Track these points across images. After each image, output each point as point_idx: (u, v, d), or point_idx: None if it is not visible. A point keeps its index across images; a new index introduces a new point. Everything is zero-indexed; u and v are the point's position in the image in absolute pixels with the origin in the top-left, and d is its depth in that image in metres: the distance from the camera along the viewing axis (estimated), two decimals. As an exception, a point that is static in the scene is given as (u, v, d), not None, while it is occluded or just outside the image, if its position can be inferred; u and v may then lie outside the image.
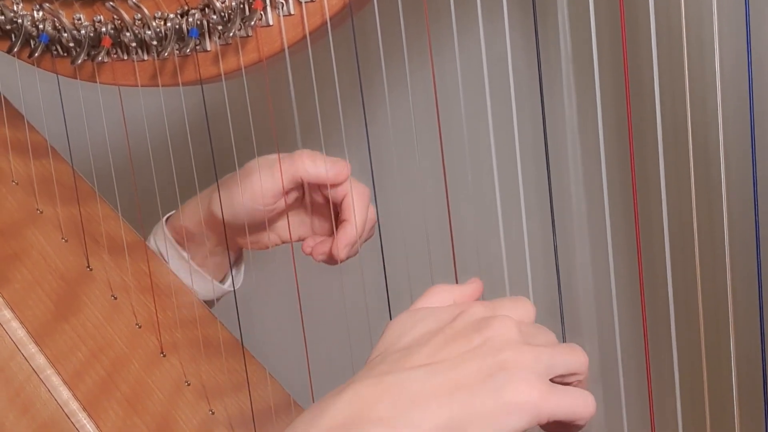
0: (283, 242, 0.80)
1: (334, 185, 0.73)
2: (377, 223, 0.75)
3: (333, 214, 0.75)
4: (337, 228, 0.75)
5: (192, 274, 0.79)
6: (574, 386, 0.49)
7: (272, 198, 0.74)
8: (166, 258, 0.80)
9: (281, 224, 0.79)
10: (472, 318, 0.49)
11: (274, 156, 0.73)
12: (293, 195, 0.76)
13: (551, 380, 0.47)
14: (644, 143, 0.79)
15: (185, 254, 0.79)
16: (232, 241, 0.79)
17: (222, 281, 0.82)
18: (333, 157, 0.73)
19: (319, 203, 0.77)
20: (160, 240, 0.80)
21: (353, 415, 0.45)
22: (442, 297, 0.54)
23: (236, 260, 0.83)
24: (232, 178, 0.75)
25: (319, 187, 0.75)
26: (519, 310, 0.51)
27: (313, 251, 0.76)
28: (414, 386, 0.45)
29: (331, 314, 0.78)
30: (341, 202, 0.74)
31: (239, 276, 0.84)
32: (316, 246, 0.76)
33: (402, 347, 0.49)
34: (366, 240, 0.77)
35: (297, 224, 0.79)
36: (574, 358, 0.49)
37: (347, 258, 0.76)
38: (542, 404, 0.45)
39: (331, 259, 0.75)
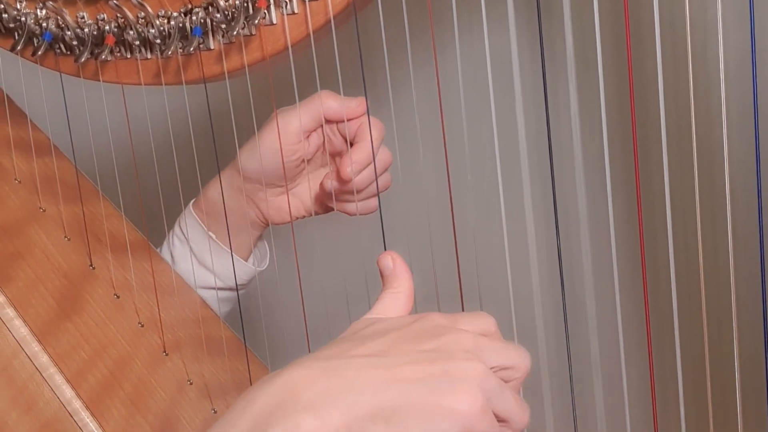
0: (306, 213, 0.79)
1: (353, 118, 0.73)
2: (381, 225, 0.75)
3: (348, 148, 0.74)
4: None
5: (221, 256, 0.78)
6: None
7: (297, 136, 0.73)
8: (192, 243, 0.79)
9: (302, 189, 0.78)
10: (431, 324, 0.49)
11: (294, 105, 0.73)
12: (315, 140, 0.75)
13: None
14: (648, 141, 0.79)
15: (213, 234, 0.79)
16: (254, 210, 0.78)
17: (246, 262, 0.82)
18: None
19: (337, 152, 0.76)
20: (190, 223, 0.80)
21: (284, 398, 0.44)
22: (396, 305, 0.54)
23: (257, 240, 0.82)
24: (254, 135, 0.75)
25: (338, 127, 0.74)
26: (478, 325, 0.51)
27: (323, 180, 0.75)
28: (350, 373, 0.45)
29: (334, 314, 0.78)
30: (355, 136, 0.73)
31: (265, 257, 0.83)
32: (326, 175, 0.75)
33: (355, 335, 0.49)
34: (382, 189, 0.75)
35: (315, 186, 0.78)
36: (516, 407, 0.48)
37: (365, 204, 0.75)
38: (476, 421, 0.45)
39: (341, 182, 0.74)
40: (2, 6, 0.71)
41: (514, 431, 0.48)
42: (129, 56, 0.71)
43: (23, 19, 0.71)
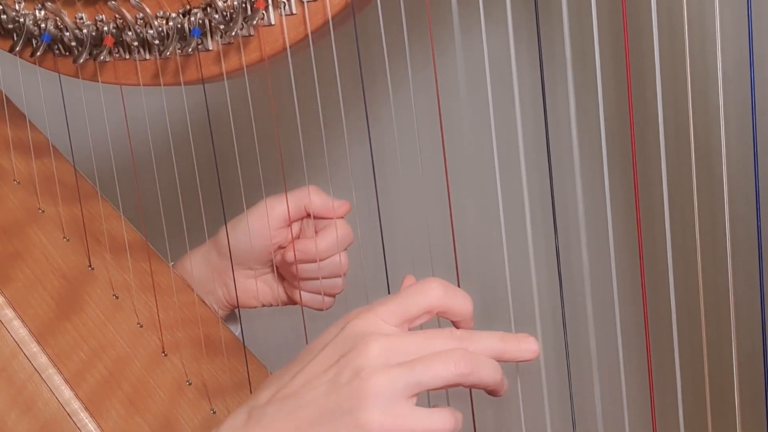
0: (273, 302, 0.82)
1: (331, 217, 0.76)
2: (380, 225, 0.75)
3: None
4: None
5: None
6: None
7: (280, 222, 0.76)
8: None
9: (273, 277, 0.81)
10: (352, 331, 0.50)
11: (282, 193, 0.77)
12: (296, 229, 0.78)
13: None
14: (646, 142, 0.79)
15: None
16: (222, 289, 0.80)
17: None
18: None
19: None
20: None
21: None
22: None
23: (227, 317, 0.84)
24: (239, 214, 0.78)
25: (315, 222, 0.78)
26: (417, 301, 0.51)
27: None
28: (273, 422, 0.48)
29: (333, 315, 0.78)
30: (320, 231, 0.77)
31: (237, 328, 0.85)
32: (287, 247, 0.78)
33: (293, 364, 0.51)
34: (330, 290, 0.79)
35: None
36: (443, 368, 0.48)
37: (312, 298, 0.79)
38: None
39: (284, 263, 0.78)
40: (1, 7, 0.71)
41: (474, 382, 0.49)
42: (128, 57, 0.71)
43: (22, 20, 0.71)
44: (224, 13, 0.67)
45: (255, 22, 0.67)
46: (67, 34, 0.71)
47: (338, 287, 0.79)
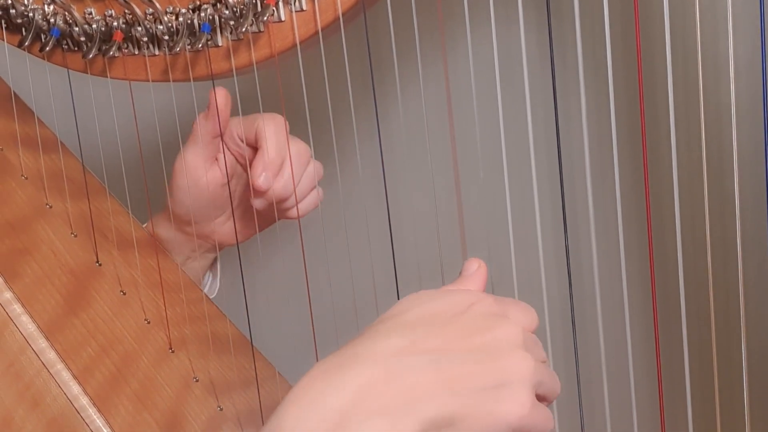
0: (253, 231, 0.80)
1: (223, 112, 0.71)
2: (389, 221, 0.75)
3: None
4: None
5: None
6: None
7: (199, 170, 0.73)
8: None
9: (243, 210, 0.78)
10: (485, 311, 0.50)
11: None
12: (229, 158, 0.75)
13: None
14: (657, 141, 0.79)
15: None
16: (209, 241, 0.79)
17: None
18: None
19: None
20: None
21: (358, 400, 0.45)
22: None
23: (210, 265, 0.83)
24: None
25: (238, 136, 0.73)
26: (524, 317, 0.52)
27: (251, 201, 0.74)
28: (418, 375, 0.46)
29: (340, 313, 0.78)
30: (255, 141, 0.72)
31: (215, 282, 0.84)
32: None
33: (410, 322, 0.49)
34: (310, 206, 0.75)
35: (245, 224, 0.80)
36: (556, 383, 0.50)
37: (303, 205, 0.74)
38: (525, 420, 0.47)
39: (257, 194, 0.72)
40: (10, 2, 0.71)
41: (553, 400, 0.51)
42: (137, 52, 0.71)
43: (31, 14, 0.71)
44: (234, 9, 0.67)
45: (265, 18, 0.67)
46: (77, 29, 0.71)
47: (317, 198, 0.75)
